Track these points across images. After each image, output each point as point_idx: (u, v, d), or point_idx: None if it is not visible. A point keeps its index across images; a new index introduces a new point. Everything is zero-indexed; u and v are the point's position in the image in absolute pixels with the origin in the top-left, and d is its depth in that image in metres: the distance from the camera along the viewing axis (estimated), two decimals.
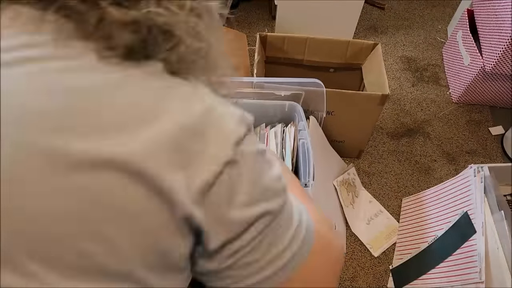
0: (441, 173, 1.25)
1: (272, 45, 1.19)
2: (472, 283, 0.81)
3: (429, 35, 1.67)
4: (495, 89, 1.34)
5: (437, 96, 1.45)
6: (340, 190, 1.11)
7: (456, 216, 0.93)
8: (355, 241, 1.10)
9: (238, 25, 1.63)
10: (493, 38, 1.23)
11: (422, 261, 0.98)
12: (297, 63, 1.25)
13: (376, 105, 1.05)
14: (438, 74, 1.53)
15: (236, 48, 1.45)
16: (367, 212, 1.15)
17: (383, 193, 1.20)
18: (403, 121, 1.38)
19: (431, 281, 0.92)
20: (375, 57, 1.16)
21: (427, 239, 0.99)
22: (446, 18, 1.73)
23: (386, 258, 1.07)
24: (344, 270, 1.05)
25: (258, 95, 1.00)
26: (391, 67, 1.54)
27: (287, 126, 0.99)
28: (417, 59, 1.57)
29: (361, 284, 1.03)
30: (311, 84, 0.98)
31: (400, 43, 1.63)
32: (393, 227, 1.12)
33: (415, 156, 1.29)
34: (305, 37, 1.17)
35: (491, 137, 1.34)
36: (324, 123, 1.09)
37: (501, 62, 1.21)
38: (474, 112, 1.41)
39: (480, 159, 1.29)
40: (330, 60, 1.23)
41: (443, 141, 1.33)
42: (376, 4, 1.76)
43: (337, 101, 1.05)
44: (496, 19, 1.22)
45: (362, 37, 1.64)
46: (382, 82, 1.06)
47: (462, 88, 1.38)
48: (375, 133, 1.34)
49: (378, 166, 1.26)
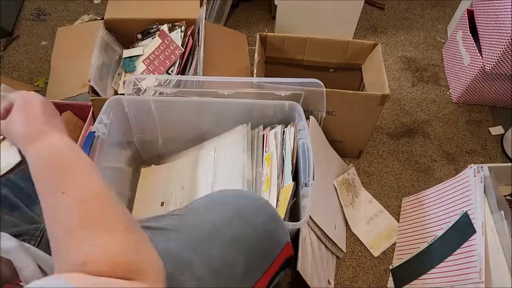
0: (441, 173, 1.25)
1: (272, 45, 1.19)
2: (472, 283, 0.81)
3: (429, 35, 1.67)
4: (495, 89, 1.34)
5: (437, 96, 1.45)
6: (340, 190, 1.11)
7: (456, 216, 0.93)
8: (355, 241, 1.10)
9: (238, 25, 1.63)
10: (493, 38, 1.23)
11: (422, 261, 0.98)
12: (297, 63, 1.25)
13: (376, 105, 1.05)
14: (438, 74, 1.53)
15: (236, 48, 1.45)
16: (367, 212, 1.15)
17: (383, 193, 1.20)
18: (403, 121, 1.38)
19: (431, 281, 0.92)
20: (375, 57, 1.16)
21: (427, 239, 0.99)
22: (446, 18, 1.73)
23: (386, 258, 1.07)
24: (344, 270, 1.05)
25: (258, 95, 1.00)
26: (391, 67, 1.54)
27: (287, 126, 0.99)
28: (417, 59, 1.57)
29: (361, 284, 1.03)
30: (311, 84, 0.98)
31: (400, 43, 1.63)
32: (393, 227, 1.12)
33: (415, 156, 1.29)
34: (305, 37, 1.17)
35: (491, 137, 1.34)
36: (324, 123, 1.09)
37: (501, 62, 1.21)
38: (474, 112, 1.41)
39: (480, 159, 1.29)
40: (330, 60, 1.23)
41: (443, 141, 1.33)
42: (376, 4, 1.76)
43: (337, 101, 1.05)
44: (496, 19, 1.22)
45: (362, 37, 1.64)
46: (382, 82, 1.06)
47: (462, 88, 1.38)
48: (375, 133, 1.34)
49: (378, 166, 1.26)
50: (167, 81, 1.08)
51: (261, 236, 0.52)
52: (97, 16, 1.60)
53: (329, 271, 1.01)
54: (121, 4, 1.24)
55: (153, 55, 1.18)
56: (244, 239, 0.51)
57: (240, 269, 0.50)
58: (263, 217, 0.54)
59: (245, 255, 0.51)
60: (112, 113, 0.93)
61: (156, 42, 1.19)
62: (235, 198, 0.56)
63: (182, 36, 1.18)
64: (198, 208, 0.55)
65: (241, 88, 0.99)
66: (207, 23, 1.26)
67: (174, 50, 1.16)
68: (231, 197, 0.56)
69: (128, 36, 1.23)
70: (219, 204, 0.55)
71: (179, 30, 1.18)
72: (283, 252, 0.56)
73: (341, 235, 1.07)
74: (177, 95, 1.00)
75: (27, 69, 1.43)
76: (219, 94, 0.98)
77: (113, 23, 1.21)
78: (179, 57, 1.15)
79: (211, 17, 1.53)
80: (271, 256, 0.54)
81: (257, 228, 0.52)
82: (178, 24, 1.20)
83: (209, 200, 0.57)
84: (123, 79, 1.17)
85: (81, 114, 1.12)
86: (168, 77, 1.10)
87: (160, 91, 1.01)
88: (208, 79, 1.03)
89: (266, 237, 0.53)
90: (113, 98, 0.95)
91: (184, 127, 1.05)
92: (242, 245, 0.51)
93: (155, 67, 1.17)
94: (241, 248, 0.51)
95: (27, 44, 1.52)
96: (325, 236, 0.99)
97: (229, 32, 1.52)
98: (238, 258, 0.50)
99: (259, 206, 0.55)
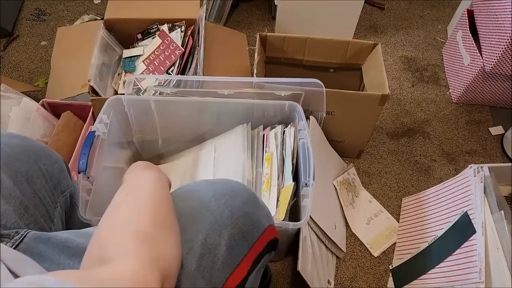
0: (441, 173, 1.25)
1: (272, 45, 1.19)
2: (472, 283, 0.81)
3: (429, 35, 1.67)
4: (495, 89, 1.34)
5: (437, 96, 1.46)
6: (340, 190, 1.11)
7: (456, 216, 0.93)
8: (355, 241, 1.10)
9: (238, 25, 1.63)
10: (493, 38, 1.23)
11: (422, 261, 0.98)
12: (297, 63, 1.25)
13: (376, 105, 1.05)
14: (438, 74, 1.53)
15: (236, 48, 1.45)
16: (367, 212, 1.15)
17: (383, 193, 1.20)
18: (403, 121, 1.38)
19: (431, 281, 0.92)
20: (375, 57, 1.16)
21: (427, 239, 0.99)
22: (446, 18, 1.73)
23: (386, 258, 1.07)
24: (344, 270, 1.05)
25: (258, 95, 1.00)
26: (391, 67, 1.54)
27: (287, 126, 0.99)
28: (417, 59, 1.57)
29: (361, 284, 1.03)
30: (311, 84, 0.98)
31: (400, 43, 1.63)
32: (393, 227, 1.12)
33: (415, 156, 1.29)
34: (305, 37, 1.17)
35: (491, 137, 1.34)
36: (324, 123, 1.09)
37: (501, 62, 1.21)
38: (474, 112, 1.41)
39: (480, 159, 1.29)
40: (330, 60, 1.23)
41: (443, 141, 1.33)
42: (376, 4, 1.76)
43: (337, 101, 1.05)
44: (496, 19, 1.22)
45: (362, 37, 1.64)
46: (382, 82, 1.06)
47: (462, 88, 1.38)
48: (375, 133, 1.34)
49: (378, 166, 1.26)
50: (167, 81, 1.08)
51: (238, 217, 0.53)
52: (97, 16, 1.60)
53: (329, 271, 1.01)
54: (121, 4, 1.24)
55: (153, 55, 1.18)
56: (223, 221, 0.52)
57: (221, 251, 0.50)
58: (240, 199, 0.54)
59: (225, 237, 0.51)
60: (112, 113, 0.93)
61: (156, 42, 1.19)
62: (211, 184, 0.57)
63: (182, 36, 1.18)
64: (178, 197, 0.55)
65: (241, 88, 0.99)
66: (207, 23, 1.26)
67: (174, 50, 1.16)
68: (207, 184, 0.57)
69: (128, 36, 1.23)
70: (196, 192, 0.56)
71: (179, 30, 1.18)
72: (265, 234, 0.56)
73: (341, 235, 1.07)
74: (177, 95, 0.99)
75: (27, 69, 1.43)
76: (219, 94, 0.98)
77: (113, 23, 1.21)
78: (179, 57, 1.15)
79: (211, 17, 1.53)
80: (252, 238, 0.54)
81: (234, 210, 0.53)
82: (178, 24, 1.20)
83: (187, 189, 0.57)
84: (123, 79, 1.17)
85: (81, 114, 1.12)
86: (168, 77, 1.10)
87: (160, 91, 1.01)
88: (208, 79, 1.03)
89: (243, 218, 0.53)
90: (113, 98, 0.94)
91: (184, 127, 1.05)
92: (221, 228, 0.51)
93: (155, 67, 1.17)
94: (221, 231, 0.51)
95: (27, 44, 1.52)
96: (325, 236, 0.99)
97: (229, 32, 1.52)
98: (219, 240, 0.51)
99: (235, 189, 0.56)
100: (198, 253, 0.49)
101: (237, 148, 0.97)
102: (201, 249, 0.50)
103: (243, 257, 0.53)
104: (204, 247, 0.50)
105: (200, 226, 0.51)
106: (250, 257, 0.54)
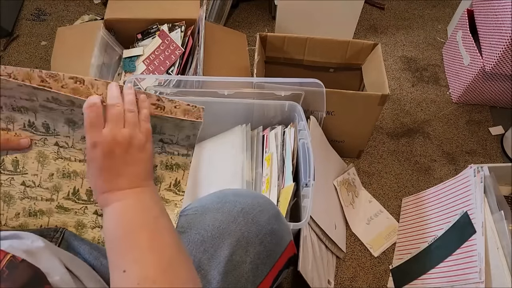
0: (441, 173, 1.25)
1: (272, 45, 1.19)
2: (472, 283, 0.81)
3: (429, 35, 1.67)
4: (495, 89, 1.34)
5: (437, 96, 1.46)
6: (340, 190, 1.11)
7: (456, 216, 0.93)
8: (355, 241, 1.10)
9: (238, 25, 1.63)
10: (493, 38, 1.23)
11: (422, 261, 0.98)
12: (297, 63, 1.25)
13: (376, 105, 1.05)
14: (438, 74, 1.53)
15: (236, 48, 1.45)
16: (367, 212, 1.15)
17: (383, 193, 1.20)
18: (403, 121, 1.38)
19: (431, 281, 0.92)
20: (375, 57, 1.16)
21: (427, 239, 0.99)
22: (446, 18, 1.73)
23: (386, 258, 1.07)
24: (344, 270, 1.05)
25: (258, 95, 1.00)
26: (391, 67, 1.54)
27: (287, 127, 0.99)
28: (417, 59, 1.57)
29: (361, 284, 1.03)
30: (311, 84, 0.98)
31: (400, 43, 1.63)
32: (393, 227, 1.12)
33: (415, 156, 1.29)
34: (305, 37, 1.17)
35: (491, 137, 1.34)
36: (324, 123, 1.09)
37: (501, 62, 1.21)
38: (474, 112, 1.41)
39: (480, 159, 1.29)
40: (330, 60, 1.23)
41: (443, 141, 1.33)
42: (376, 4, 1.76)
43: (337, 101, 1.05)
44: (496, 19, 1.22)
45: (362, 37, 1.64)
46: (382, 82, 1.06)
47: (462, 88, 1.38)
48: (375, 133, 1.34)
49: (378, 166, 1.26)
50: (167, 81, 1.08)
51: (265, 235, 0.52)
52: (97, 16, 1.60)
53: (329, 271, 1.01)
54: (121, 4, 1.24)
55: (153, 55, 1.18)
56: (250, 238, 0.51)
57: (246, 269, 0.50)
58: (266, 215, 0.54)
59: (251, 255, 0.51)
60: None
61: (156, 42, 1.19)
62: (237, 197, 0.56)
63: (182, 36, 1.18)
64: (203, 208, 0.55)
65: (241, 88, 0.99)
66: (207, 23, 1.25)
67: (174, 50, 1.16)
68: (233, 196, 0.56)
69: (128, 36, 1.23)
70: (224, 204, 0.55)
71: (179, 30, 1.18)
72: (287, 251, 0.56)
73: (341, 235, 1.07)
74: (177, 95, 0.99)
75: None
76: (219, 94, 0.98)
77: (113, 23, 1.21)
78: (179, 57, 1.15)
79: (211, 17, 1.53)
80: (275, 255, 0.54)
81: (261, 227, 0.52)
82: (178, 24, 1.20)
83: (214, 199, 0.56)
84: (123, 79, 1.17)
85: None
86: (168, 77, 1.10)
87: (160, 91, 1.01)
88: (208, 79, 1.03)
89: (270, 235, 0.53)
90: None
91: None
92: (248, 245, 0.51)
93: (155, 67, 1.17)
94: (248, 248, 0.51)
95: (27, 44, 1.52)
96: (326, 236, 0.99)
97: (229, 32, 1.51)
98: (245, 257, 0.50)
99: (261, 204, 0.55)
100: (223, 270, 0.49)
101: (236, 148, 0.97)
102: (227, 266, 0.49)
103: (266, 275, 0.53)
104: (230, 264, 0.49)
105: (227, 242, 0.50)
106: (271, 275, 0.54)
